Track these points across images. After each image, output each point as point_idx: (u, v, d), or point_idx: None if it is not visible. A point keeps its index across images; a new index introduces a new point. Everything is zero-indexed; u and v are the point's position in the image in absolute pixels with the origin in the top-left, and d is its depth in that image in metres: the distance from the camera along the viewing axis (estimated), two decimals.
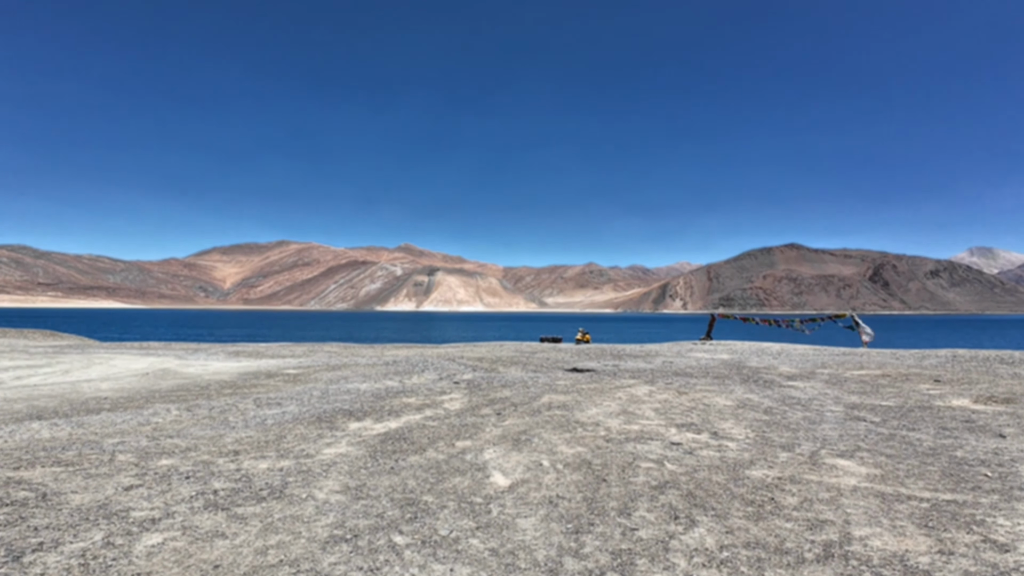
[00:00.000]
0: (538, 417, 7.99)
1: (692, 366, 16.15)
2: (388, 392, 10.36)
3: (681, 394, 10.30)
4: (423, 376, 12.65)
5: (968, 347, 46.73)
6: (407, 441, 6.36)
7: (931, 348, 30.14)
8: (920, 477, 5.07)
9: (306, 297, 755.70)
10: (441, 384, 11.39)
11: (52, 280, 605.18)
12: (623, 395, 10.11)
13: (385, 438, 6.52)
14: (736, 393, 10.46)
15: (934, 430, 7.11)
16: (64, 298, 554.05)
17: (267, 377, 13.81)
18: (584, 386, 11.29)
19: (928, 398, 9.65)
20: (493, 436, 6.67)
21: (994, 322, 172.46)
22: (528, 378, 12.49)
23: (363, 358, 18.61)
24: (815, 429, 7.30)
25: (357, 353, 21.58)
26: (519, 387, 11.00)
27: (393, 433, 6.77)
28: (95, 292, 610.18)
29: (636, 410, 8.62)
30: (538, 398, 9.72)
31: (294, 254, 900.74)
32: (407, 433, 6.78)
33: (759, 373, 14.22)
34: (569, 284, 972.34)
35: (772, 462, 5.61)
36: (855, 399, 9.77)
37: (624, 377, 12.96)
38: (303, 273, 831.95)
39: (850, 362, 16.79)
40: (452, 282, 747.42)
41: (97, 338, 50.08)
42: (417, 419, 7.70)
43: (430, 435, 6.68)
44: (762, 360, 18.16)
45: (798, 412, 8.54)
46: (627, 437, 6.70)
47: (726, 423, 7.73)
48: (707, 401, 9.52)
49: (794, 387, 11.35)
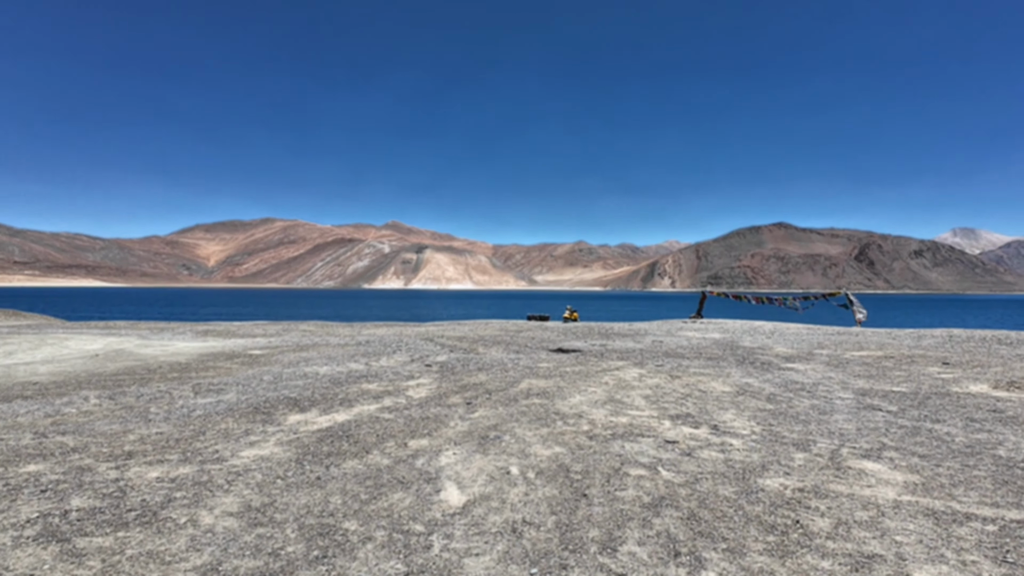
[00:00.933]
0: (513, 407, 6.98)
1: (683, 346, 15.28)
2: (349, 376, 9.27)
3: (674, 378, 9.36)
4: (393, 358, 11.57)
5: (956, 326, 46.81)
6: (350, 440, 5.30)
7: (923, 327, 29.73)
8: (970, 486, 4.14)
9: (292, 275, 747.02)
10: (411, 367, 10.33)
11: (29, 259, 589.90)
12: (610, 379, 9.15)
13: (325, 436, 5.46)
14: (733, 377, 9.55)
15: (962, 422, 6.22)
16: (42, 277, 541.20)
17: (226, 359, 12.65)
18: (568, 369, 10.31)
19: (942, 383, 8.81)
20: (457, 433, 5.64)
21: (976, 302, 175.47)
22: (508, 360, 11.49)
23: (336, 338, 17.48)
24: (828, 421, 6.38)
25: (332, 332, 20.43)
26: (497, 371, 9.99)
27: (337, 429, 5.71)
28: (74, 271, 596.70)
29: (624, 398, 7.65)
30: (516, 384, 8.71)
31: (280, 232, 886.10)
32: (354, 429, 5.72)
33: (754, 354, 13.37)
34: (559, 262, 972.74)
35: (787, 466, 4.65)
36: (863, 384, 8.90)
37: (612, 358, 12.02)
38: (289, 251, 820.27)
39: (848, 342, 16.03)
40: (441, 260, 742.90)
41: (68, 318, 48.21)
42: (371, 410, 6.64)
43: (381, 431, 5.63)
44: (755, 340, 17.36)
45: (804, 400, 7.64)
46: (614, 433, 5.71)
47: (726, 414, 6.79)
48: (703, 387, 8.59)
49: (794, 370, 10.48)
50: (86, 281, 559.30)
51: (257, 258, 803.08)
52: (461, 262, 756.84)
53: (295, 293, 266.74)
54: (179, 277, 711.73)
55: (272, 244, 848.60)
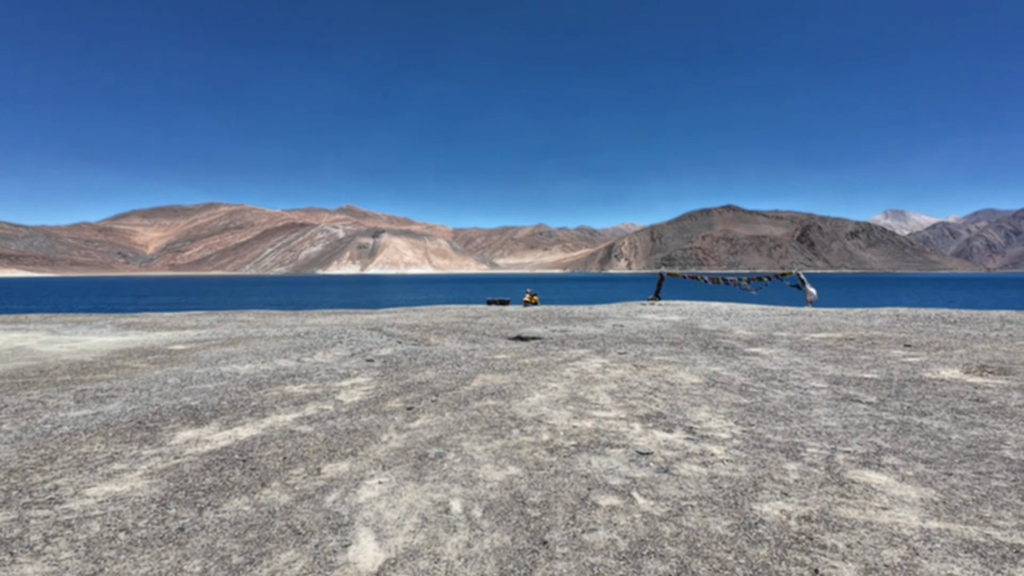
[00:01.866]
0: (463, 412, 6.00)
1: (644, 330, 14.73)
2: (274, 376, 8.02)
3: (639, 368, 8.65)
4: (331, 352, 10.33)
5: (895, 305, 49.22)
6: (247, 465, 4.18)
7: (865, 307, 30.76)
8: (997, 502, 3.50)
9: (240, 262, 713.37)
10: (349, 364, 9.15)
11: None
12: (572, 372, 8.32)
13: (215, 460, 4.31)
14: (700, 365, 8.94)
15: (949, 415, 5.74)
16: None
17: (140, 356, 11.02)
18: (527, 360, 9.43)
19: (911, 368, 8.49)
20: (388, 451, 4.61)
21: (906, 280, 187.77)
22: (462, 352, 10.49)
23: (275, 329, 15.92)
24: (809, 417, 5.77)
25: (272, 322, 18.77)
26: (448, 365, 8.97)
27: (235, 449, 4.56)
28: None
29: (588, 394, 6.83)
30: (468, 381, 7.74)
31: (225, 217, 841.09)
32: (257, 449, 4.59)
33: (716, 337, 12.94)
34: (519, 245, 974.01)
35: (782, 483, 3.91)
36: (832, 370, 8.46)
37: (573, 346, 11.24)
38: (236, 237, 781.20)
39: (804, 323, 15.95)
40: (399, 244, 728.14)
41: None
42: (288, 421, 5.51)
43: (291, 452, 4.53)
44: (714, 322, 17.09)
45: (779, 391, 7.05)
46: (578, 443, 4.85)
47: (700, 411, 6.07)
48: (670, 378, 7.90)
49: (759, 355, 10.01)
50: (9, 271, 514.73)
51: (201, 244, 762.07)
52: (420, 246, 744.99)
53: (244, 280, 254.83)
54: (114, 266, 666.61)
55: (217, 230, 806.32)
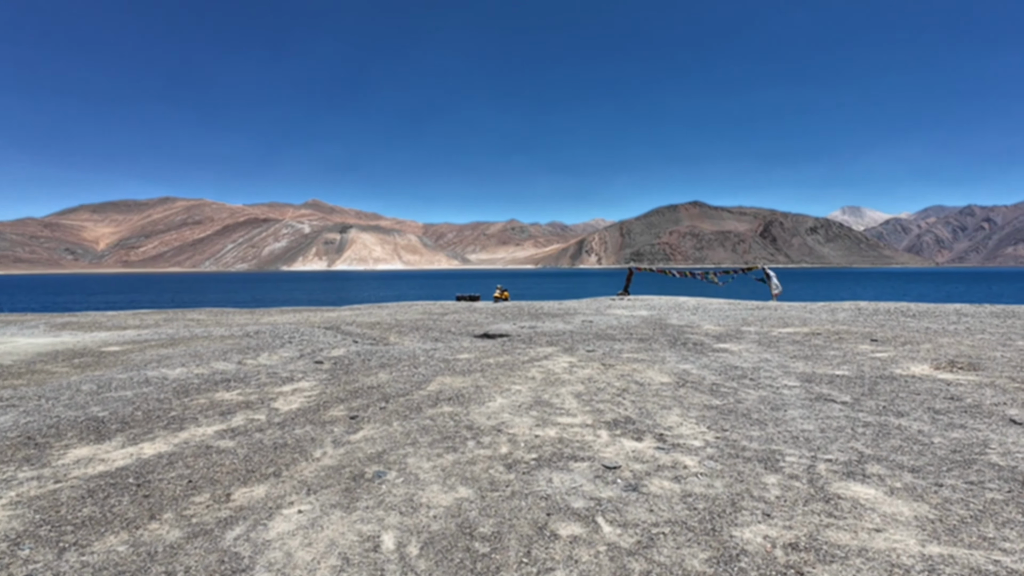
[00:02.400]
0: (414, 421, 5.43)
1: (613, 325, 14.43)
2: (207, 381, 7.24)
3: (607, 367, 8.24)
4: (277, 354, 9.54)
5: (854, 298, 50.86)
6: (140, 491, 3.51)
7: (826, 300, 31.46)
8: (998, 519, 3.18)
9: (199, 258, 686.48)
10: (295, 366, 8.41)
11: None
12: (538, 372, 7.84)
13: (103, 485, 3.61)
14: (669, 363, 8.60)
15: (927, 416, 5.51)
16: None
17: (64, 360, 9.96)
18: (492, 360, 8.90)
19: (881, 364, 8.36)
20: (318, 470, 4.00)
21: (862, 274, 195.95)
22: (422, 351, 9.87)
23: (224, 328, 14.89)
24: (784, 420, 5.44)
25: (224, 321, 17.65)
26: (404, 367, 8.35)
27: (132, 470, 3.87)
28: None
29: (553, 398, 6.35)
30: (425, 384, 7.15)
31: (182, 212, 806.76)
32: (160, 470, 3.90)
33: (684, 333, 12.72)
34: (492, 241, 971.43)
35: (763, 500, 3.51)
36: (803, 367, 8.26)
37: (541, 344, 10.78)
38: (194, 232, 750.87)
39: (771, 318, 15.96)
40: (367, 239, 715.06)
41: None
42: (208, 434, 4.82)
43: (200, 473, 3.87)
44: (682, 316, 16.96)
45: (751, 391, 6.75)
46: (539, 456, 4.35)
47: (670, 415, 5.67)
48: (639, 377, 7.51)
49: (728, 352, 9.77)
50: None
51: (156, 240, 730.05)
52: (389, 242, 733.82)
53: (204, 277, 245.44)
54: (62, 263, 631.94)
55: (174, 225, 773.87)
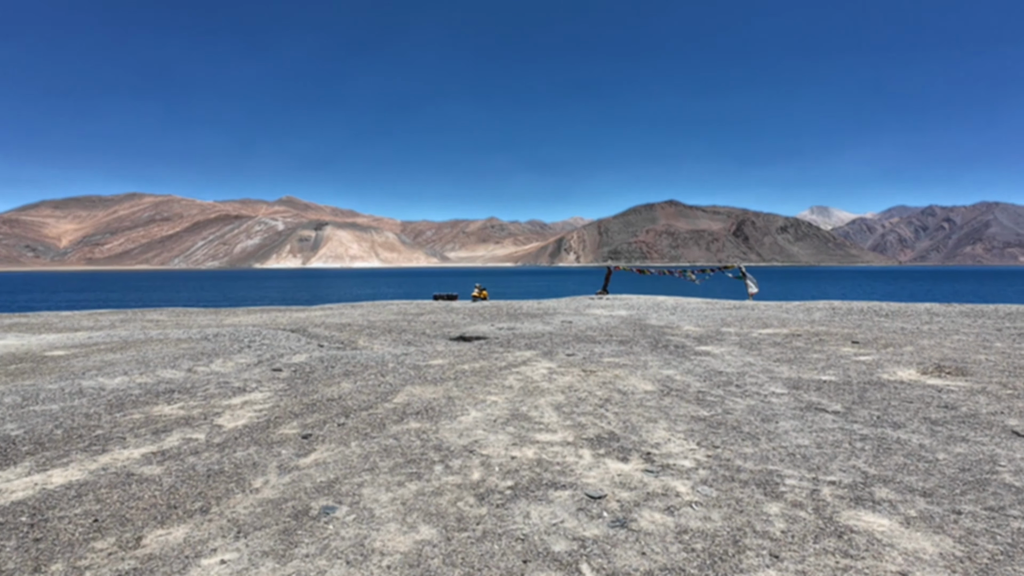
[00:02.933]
0: (375, 440, 4.89)
1: (593, 326, 14.07)
2: (148, 392, 6.54)
3: (588, 374, 7.82)
4: (233, 360, 8.83)
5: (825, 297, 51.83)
6: (31, 533, 2.90)
7: (804, 300, 31.83)
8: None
9: (168, 255, 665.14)
10: (250, 374, 7.75)
11: None
12: (515, 380, 7.37)
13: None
14: (652, 368, 8.24)
15: (925, 428, 5.23)
16: None
17: (0, 366, 9.05)
18: (467, 366, 8.39)
19: (866, 368, 8.15)
20: (253, 506, 3.44)
21: (829, 273, 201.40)
22: (392, 357, 9.29)
23: (183, 330, 13.98)
24: (777, 432, 5.10)
25: (184, 322, 16.68)
26: (371, 374, 7.77)
27: (30, 505, 3.24)
28: None
29: (532, 410, 5.89)
30: (392, 395, 6.60)
31: (150, 208, 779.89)
32: (61, 505, 3.29)
33: (664, 334, 12.44)
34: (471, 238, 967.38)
35: (768, 535, 3.11)
36: (788, 372, 7.99)
37: (519, 347, 10.31)
38: (162, 229, 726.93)
39: (749, 318, 15.83)
40: (343, 237, 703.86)
41: None
42: (133, 458, 4.20)
43: (111, 509, 3.27)
44: (661, 316, 16.73)
45: (738, 399, 6.40)
46: (516, 484, 3.88)
47: (657, 428, 5.27)
48: (622, 385, 7.11)
49: (711, 355, 9.48)
50: None
51: (123, 237, 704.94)
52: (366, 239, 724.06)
53: (173, 275, 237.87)
54: (22, 260, 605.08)
55: (141, 222, 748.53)
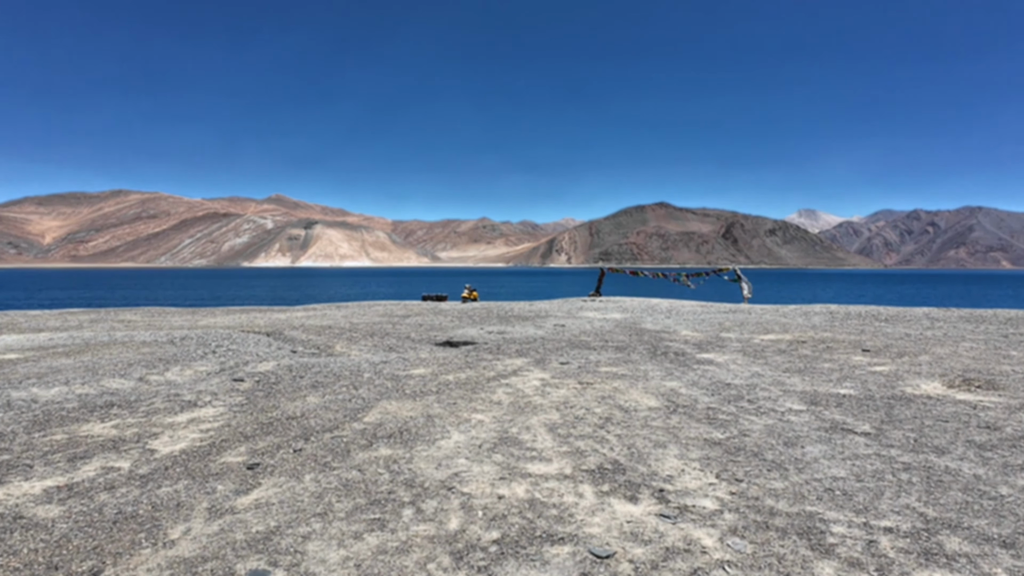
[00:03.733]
0: (334, 473, 4.12)
1: (587, 330, 13.39)
2: (85, 406, 5.71)
3: (584, 386, 7.11)
4: (193, 367, 7.98)
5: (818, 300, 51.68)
6: None
7: (798, 303, 31.44)
8: None
9: (154, 253, 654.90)
10: (207, 384, 6.92)
11: None
12: (505, 394, 6.63)
13: None
14: (653, 379, 7.55)
15: (971, 452, 4.57)
16: None
17: None
18: (451, 376, 7.63)
19: (885, 380, 7.52)
20: (151, 572, 2.68)
21: (817, 275, 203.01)
22: (370, 365, 8.50)
23: (151, 331, 13.04)
24: (804, 460, 4.41)
25: (156, 323, 15.72)
26: (343, 386, 6.98)
27: None
28: None
29: (523, 432, 5.16)
30: (363, 412, 5.83)
31: (136, 205, 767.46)
32: None
33: (662, 340, 11.79)
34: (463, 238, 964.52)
35: None
36: (801, 384, 7.34)
37: (510, 354, 9.58)
38: (149, 226, 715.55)
39: (749, 322, 15.24)
40: (333, 235, 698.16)
41: None
42: (34, 493, 3.39)
43: None
44: (657, 320, 16.10)
45: (753, 417, 5.73)
46: (504, 536, 3.14)
47: (668, 456, 4.56)
48: (623, 400, 6.40)
49: (714, 364, 8.82)
50: None
51: (108, 235, 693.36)
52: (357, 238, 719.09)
53: (159, 273, 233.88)
54: (5, 257, 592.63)
55: (127, 219, 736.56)
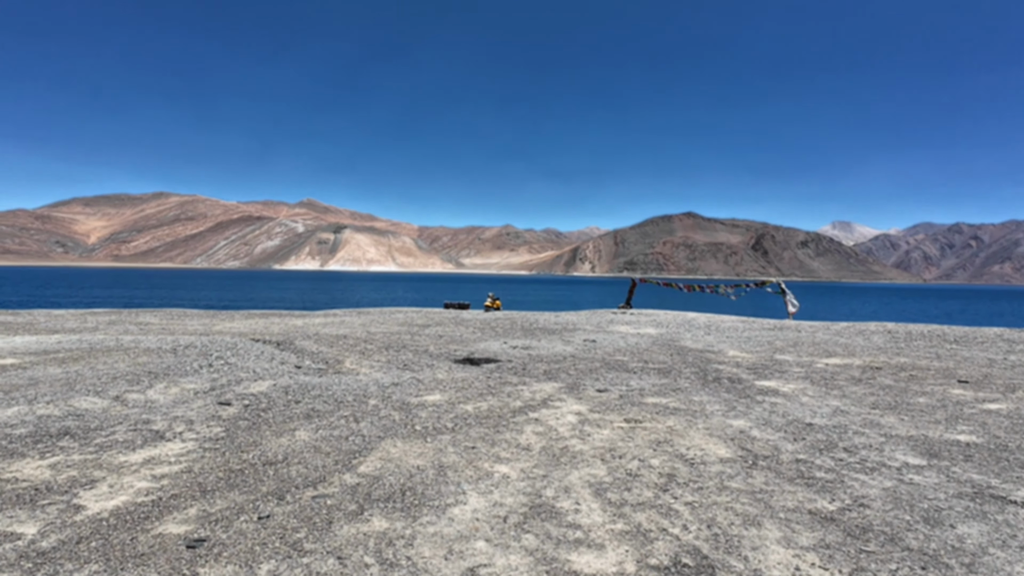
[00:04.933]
0: (304, 561, 2.97)
1: (621, 348, 12.07)
2: (36, 433, 4.73)
3: (632, 424, 5.82)
4: (180, 384, 6.99)
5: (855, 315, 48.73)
6: None
7: (844, 320, 29.26)
8: None
9: (191, 254, 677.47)
10: (187, 408, 5.90)
11: None
12: (535, 434, 5.41)
13: None
14: (714, 416, 6.21)
15: None
16: None
17: None
18: (470, 406, 6.44)
19: (1012, 424, 6.00)
20: None
21: (852, 289, 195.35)
22: (378, 388, 7.39)
23: (159, 336, 12.28)
24: (971, 553, 3.05)
25: (171, 327, 15.06)
26: (342, 417, 5.87)
27: None
28: None
29: (560, 496, 3.92)
30: (359, 457, 4.68)
31: (175, 207, 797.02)
32: None
33: (709, 362, 10.40)
34: (486, 245, 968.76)
35: None
36: (899, 425, 5.89)
37: (537, 375, 8.36)
38: (187, 228, 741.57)
39: (803, 342, 13.63)
40: (361, 240, 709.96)
41: None
42: None
43: None
44: (697, 337, 14.65)
45: (861, 475, 4.36)
46: None
47: (767, 544, 3.27)
48: (683, 447, 5.10)
49: (781, 395, 7.41)
50: None
51: (148, 235, 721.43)
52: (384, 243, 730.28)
53: (193, 274, 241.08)
54: (52, 255, 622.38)
55: (166, 221, 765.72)
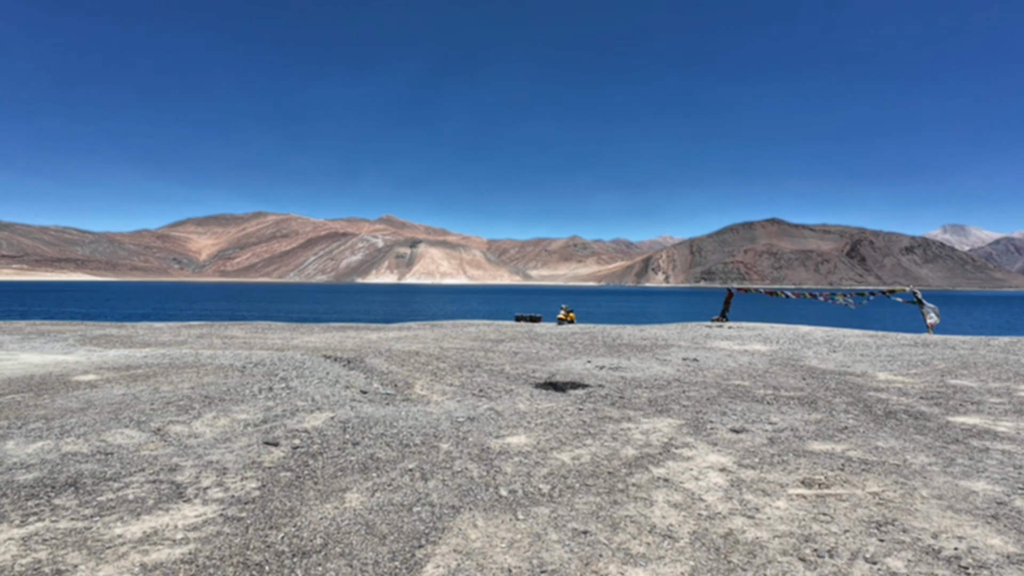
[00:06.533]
0: None
1: (733, 368, 9.98)
2: (43, 479, 3.79)
3: (817, 491, 3.95)
4: (231, 413, 6.01)
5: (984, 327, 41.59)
6: None
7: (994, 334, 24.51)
8: None
9: (285, 269, 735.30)
10: (226, 449, 4.81)
11: (16, 252, 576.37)
12: (670, 505, 3.71)
13: None
14: (928, 473, 4.18)
15: None
16: (30, 271, 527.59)
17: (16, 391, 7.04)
18: (566, 457, 4.84)
19: None
20: None
21: (970, 298, 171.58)
22: (452, 423, 6.00)
23: (234, 353, 11.86)
24: None
25: (252, 341, 14.89)
26: (407, 473, 4.50)
27: None
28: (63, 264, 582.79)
29: None
30: (429, 544, 3.22)
31: (272, 225, 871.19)
32: None
33: (858, 387, 8.12)
34: (553, 257, 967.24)
35: None
36: None
37: (642, 407, 6.61)
38: (282, 245, 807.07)
39: (974, 362, 10.69)
40: (435, 254, 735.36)
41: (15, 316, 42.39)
42: None
43: None
44: (821, 355, 12.14)
45: None
46: None
47: None
48: (919, 528, 3.18)
49: (1002, 437, 5.16)
50: (76, 275, 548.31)
51: (249, 252, 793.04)
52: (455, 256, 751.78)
53: (285, 288, 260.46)
54: (170, 271, 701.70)
55: (264, 238, 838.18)
